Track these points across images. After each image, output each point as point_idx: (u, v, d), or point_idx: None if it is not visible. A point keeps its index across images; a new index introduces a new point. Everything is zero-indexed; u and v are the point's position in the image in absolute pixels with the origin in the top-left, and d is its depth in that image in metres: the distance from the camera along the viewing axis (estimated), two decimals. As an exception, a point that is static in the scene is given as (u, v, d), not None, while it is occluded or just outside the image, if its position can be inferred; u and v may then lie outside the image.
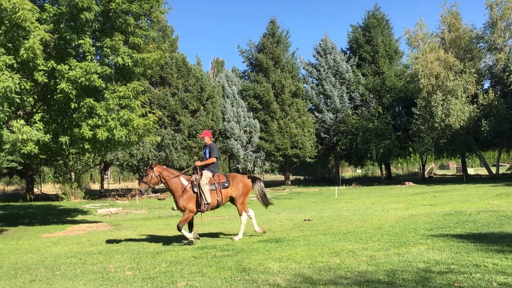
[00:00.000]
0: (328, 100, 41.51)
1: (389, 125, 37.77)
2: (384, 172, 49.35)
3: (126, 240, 11.54)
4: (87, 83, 13.13)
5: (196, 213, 10.16)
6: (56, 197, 32.86)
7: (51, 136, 13.59)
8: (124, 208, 22.19)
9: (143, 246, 10.36)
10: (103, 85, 13.71)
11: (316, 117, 41.72)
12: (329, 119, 40.80)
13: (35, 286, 6.96)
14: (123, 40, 14.23)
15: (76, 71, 12.96)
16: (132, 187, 45.13)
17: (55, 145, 14.85)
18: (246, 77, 43.86)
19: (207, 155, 10.29)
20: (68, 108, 14.51)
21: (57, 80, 13.28)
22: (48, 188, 42.53)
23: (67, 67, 13.19)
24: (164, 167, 10.42)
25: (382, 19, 43.76)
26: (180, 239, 10.67)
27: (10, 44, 12.25)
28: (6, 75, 11.22)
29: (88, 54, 13.79)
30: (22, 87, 12.11)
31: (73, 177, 31.84)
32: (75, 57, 14.27)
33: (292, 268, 6.88)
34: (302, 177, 51.76)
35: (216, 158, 10.23)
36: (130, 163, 33.27)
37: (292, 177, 46.81)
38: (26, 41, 11.82)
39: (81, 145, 15.01)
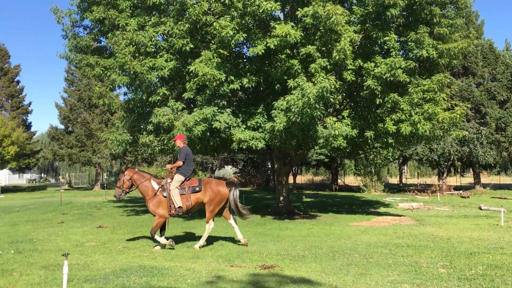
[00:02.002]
0: None
1: None
2: None
3: (433, 236, 11.29)
4: (391, 78, 13.35)
5: (168, 217, 9.81)
6: (357, 189, 34.85)
7: (357, 131, 14.40)
8: (426, 203, 21.77)
9: (452, 245, 9.92)
10: (407, 80, 13.69)
11: None
12: None
13: (352, 270, 7.51)
14: (428, 32, 13.91)
15: (381, 68, 13.35)
16: (431, 182, 43.84)
17: (361, 140, 15.69)
18: None
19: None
20: (372, 104, 15.13)
21: (364, 78, 13.97)
22: (350, 179, 45.42)
23: (372, 64, 13.73)
24: (136, 170, 10.22)
25: None
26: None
27: (324, 48, 13.56)
28: (322, 76, 12.48)
29: (392, 50, 14.01)
30: (334, 86, 13.20)
31: (373, 170, 33.07)
32: (379, 54, 14.76)
33: None
34: None
35: (183, 161, 9.83)
36: (429, 158, 32.40)
37: None
38: (337, 44, 12.86)
39: (385, 140, 15.39)
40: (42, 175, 73.65)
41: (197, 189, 9.80)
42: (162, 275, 7.19)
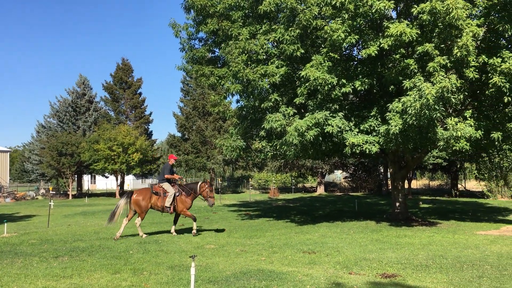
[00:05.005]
0: None
1: None
2: None
3: None
4: (521, 74, 12.16)
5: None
6: (481, 195, 32.30)
7: (482, 132, 13.33)
8: None
9: None
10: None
11: None
12: None
13: (484, 283, 6.93)
14: None
15: (509, 63, 12.21)
16: None
17: (486, 141, 14.52)
18: None
19: None
20: (499, 102, 13.92)
21: (489, 75, 12.90)
22: (471, 185, 42.31)
23: (499, 60, 12.60)
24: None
25: None
26: None
27: (443, 45, 12.77)
28: (442, 75, 11.75)
29: (522, 43, 12.80)
30: (455, 85, 12.35)
31: (499, 174, 30.39)
32: (506, 48, 13.56)
33: None
34: None
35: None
36: None
37: None
38: (458, 40, 12.04)
39: (515, 141, 14.08)
40: (162, 180, 78.78)
41: None
42: (280, 279, 7.23)
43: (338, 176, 54.87)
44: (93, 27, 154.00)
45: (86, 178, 58.43)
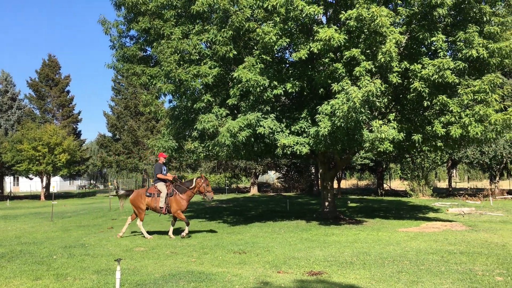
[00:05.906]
0: None
1: None
2: None
3: (487, 242, 10.84)
4: (439, 80, 12.96)
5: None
6: (404, 193, 34.03)
7: (404, 134, 14.05)
8: (478, 208, 20.97)
9: (509, 252, 9.49)
10: (456, 81, 13.26)
11: None
12: None
13: (403, 277, 7.31)
14: (477, 31, 13.43)
15: (428, 69, 13.00)
16: (482, 186, 42.27)
17: (408, 143, 15.32)
18: None
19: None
20: (420, 106, 14.75)
21: (410, 80, 13.64)
22: (396, 184, 44.48)
23: (419, 66, 13.38)
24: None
25: None
26: None
27: (368, 51, 13.34)
28: (367, 79, 12.28)
29: (439, 50, 13.63)
30: (379, 89, 12.93)
31: (420, 174, 32.19)
32: (426, 55, 14.39)
33: None
34: None
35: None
36: (480, 161, 31.21)
37: None
38: (382, 46, 12.62)
39: (434, 143, 14.97)
40: (91, 181, 76.11)
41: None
42: (210, 280, 7.24)
43: (272, 176, 55.69)
44: (17, 21, 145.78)
45: (8, 179, 55.23)
